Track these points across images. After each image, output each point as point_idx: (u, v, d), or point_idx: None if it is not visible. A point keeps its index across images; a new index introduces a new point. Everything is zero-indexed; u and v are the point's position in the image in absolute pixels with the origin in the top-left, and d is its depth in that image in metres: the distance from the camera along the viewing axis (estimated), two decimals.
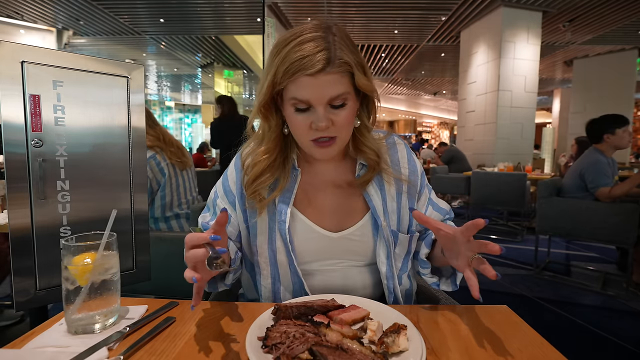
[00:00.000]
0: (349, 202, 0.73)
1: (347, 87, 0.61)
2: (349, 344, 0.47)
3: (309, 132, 0.63)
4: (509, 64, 5.55)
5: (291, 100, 0.61)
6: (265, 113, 0.67)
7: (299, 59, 0.58)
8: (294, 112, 0.63)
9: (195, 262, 0.50)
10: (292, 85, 0.60)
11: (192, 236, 0.51)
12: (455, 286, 0.68)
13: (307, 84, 0.59)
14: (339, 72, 0.59)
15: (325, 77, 0.58)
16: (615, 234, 2.28)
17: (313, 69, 0.57)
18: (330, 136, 0.63)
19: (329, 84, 0.59)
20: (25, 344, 0.51)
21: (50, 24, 6.51)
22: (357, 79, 0.61)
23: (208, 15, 6.32)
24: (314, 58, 0.57)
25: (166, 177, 1.70)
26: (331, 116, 0.62)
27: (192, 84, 12.80)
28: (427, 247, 0.71)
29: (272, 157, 0.69)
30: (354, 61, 0.61)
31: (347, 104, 0.62)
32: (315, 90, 0.59)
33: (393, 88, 13.25)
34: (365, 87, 0.63)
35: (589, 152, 2.52)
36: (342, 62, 0.59)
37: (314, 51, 0.58)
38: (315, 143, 0.64)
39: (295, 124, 0.64)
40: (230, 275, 0.70)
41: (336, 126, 0.62)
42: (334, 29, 0.62)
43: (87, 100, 0.67)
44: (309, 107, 0.61)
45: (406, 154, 0.77)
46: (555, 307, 2.18)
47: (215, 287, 0.70)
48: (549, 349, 0.50)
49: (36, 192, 0.62)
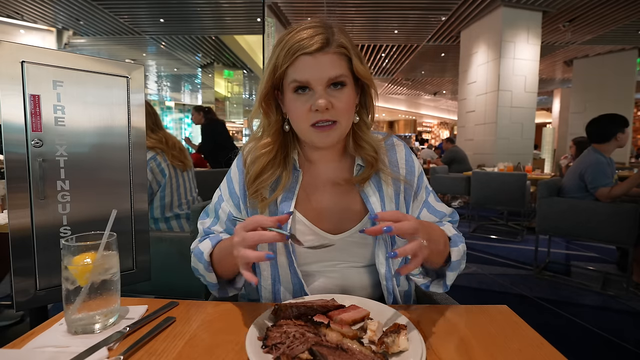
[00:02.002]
0: (348, 203, 0.73)
1: (345, 70, 0.63)
2: (349, 344, 0.47)
3: (308, 115, 0.63)
4: (509, 64, 5.56)
5: (291, 84, 0.63)
6: (266, 108, 0.69)
7: (298, 41, 0.61)
8: (293, 96, 0.64)
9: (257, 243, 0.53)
10: (291, 68, 0.62)
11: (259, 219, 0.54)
12: (445, 287, 0.68)
13: (306, 63, 0.61)
14: (337, 53, 0.62)
15: (324, 57, 0.61)
16: (615, 234, 2.28)
17: (312, 48, 0.60)
18: (331, 120, 0.63)
19: (327, 64, 0.61)
20: (25, 344, 0.51)
21: (50, 24, 6.51)
22: (355, 63, 0.64)
23: (208, 15, 6.32)
24: (313, 39, 0.61)
25: (166, 177, 1.70)
26: (331, 99, 0.62)
27: (192, 84, 12.79)
28: None
29: (272, 152, 0.69)
30: (352, 48, 0.64)
31: (346, 86, 0.64)
32: (314, 70, 0.61)
33: (393, 88, 13.25)
34: (363, 74, 0.65)
35: (588, 153, 2.52)
36: (339, 44, 0.62)
37: (313, 34, 0.61)
38: (315, 128, 0.64)
39: (295, 109, 0.64)
40: (240, 278, 0.70)
41: (336, 109, 0.63)
42: (332, 24, 0.65)
43: (87, 100, 0.67)
44: (309, 88, 0.62)
45: (405, 154, 0.77)
46: (555, 307, 2.18)
47: (225, 292, 0.71)
48: (548, 349, 0.50)
49: (36, 192, 0.62)
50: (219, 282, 0.69)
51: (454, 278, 0.67)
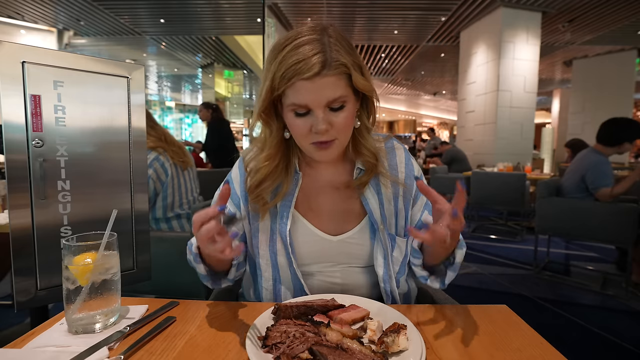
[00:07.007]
0: (347, 205, 0.73)
1: (345, 89, 0.61)
2: (349, 344, 0.47)
3: (308, 135, 0.63)
4: (509, 64, 5.56)
5: (290, 106, 0.62)
6: (266, 119, 0.68)
7: (294, 63, 0.57)
8: (293, 117, 0.63)
9: (209, 236, 0.51)
10: (289, 90, 0.60)
11: (199, 214, 0.51)
12: (442, 285, 0.67)
13: (305, 88, 0.58)
14: (336, 74, 0.59)
15: (322, 80, 0.58)
16: (615, 234, 2.28)
17: (309, 73, 0.57)
18: (330, 139, 0.63)
19: (326, 87, 0.59)
20: (26, 344, 0.51)
21: (51, 25, 6.50)
22: (355, 79, 0.61)
23: (208, 15, 6.32)
24: (310, 62, 0.57)
25: (169, 177, 1.69)
26: (330, 118, 0.61)
27: (193, 85, 12.79)
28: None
29: (274, 163, 0.69)
30: (351, 62, 0.61)
31: (346, 106, 0.62)
32: (313, 94, 0.59)
33: (393, 88, 13.25)
34: (363, 88, 0.63)
35: (588, 153, 2.51)
36: (338, 64, 0.59)
37: (310, 54, 0.57)
38: (315, 145, 0.64)
39: (295, 129, 0.64)
40: (233, 270, 0.70)
41: (335, 129, 0.62)
42: (330, 30, 0.62)
43: (87, 101, 0.67)
44: (308, 111, 0.61)
45: (404, 158, 0.77)
46: (555, 306, 2.18)
47: (218, 284, 0.71)
48: (548, 349, 0.50)
49: (37, 192, 0.62)
50: (209, 274, 0.69)
51: (452, 278, 0.67)
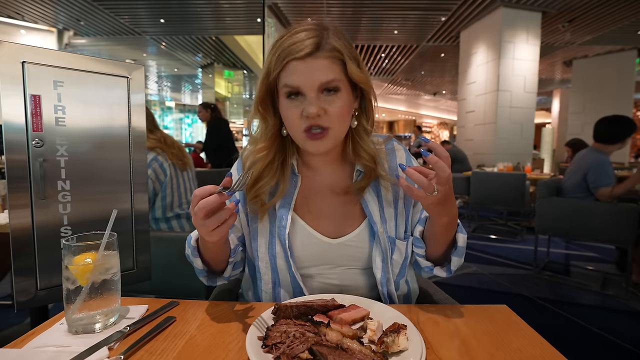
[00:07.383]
0: (347, 208, 0.73)
1: (338, 75, 0.61)
2: (349, 344, 0.47)
3: (300, 121, 0.62)
4: (509, 64, 5.55)
5: (283, 88, 0.62)
6: (263, 112, 0.68)
7: (289, 45, 0.60)
8: (286, 102, 0.63)
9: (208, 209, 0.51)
10: (283, 72, 0.61)
11: (200, 189, 0.52)
12: (449, 272, 0.68)
13: (297, 68, 0.60)
14: (329, 57, 0.60)
15: (315, 62, 0.59)
16: (615, 234, 2.28)
17: (302, 52, 0.59)
18: (323, 127, 0.62)
19: (318, 69, 0.60)
20: (26, 344, 0.51)
21: (51, 25, 6.50)
22: (350, 69, 0.62)
23: (208, 15, 6.32)
24: (303, 43, 0.59)
25: (167, 177, 1.70)
26: (324, 105, 0.61)
27: (193, 85, 12.79)
28: (421, 224, 0.71)
29: (268, 157, 0.69)
30: (347, 52, 0.62)
31: (339, 91, 0.62)
32: (305, 76, 0.60)
33: (393, 88, 13.24)
34: (358, 79, 0.63)
35: (590, 152, 2.51)
36: (331, 48, 0.60)
37: (304, 38, 0.60)
38: (308, 135, 0.63)
39: (287, 115, 0.64)
40: (229, 267, 0.70)
41: (329, 116, 0.62)
42: (329, 26, 0.64)
43: (87, 101, 0.67)
44: (301, 94, 0.61)
45: (405, 160, 0.77)
46: (555, 306, 2.18)
47: (214, 281, 0.71)
48: (548, 349, 0.50)
49: (37, 192, 0.62)
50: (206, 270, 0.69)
51: (458, 265, 0.67)
